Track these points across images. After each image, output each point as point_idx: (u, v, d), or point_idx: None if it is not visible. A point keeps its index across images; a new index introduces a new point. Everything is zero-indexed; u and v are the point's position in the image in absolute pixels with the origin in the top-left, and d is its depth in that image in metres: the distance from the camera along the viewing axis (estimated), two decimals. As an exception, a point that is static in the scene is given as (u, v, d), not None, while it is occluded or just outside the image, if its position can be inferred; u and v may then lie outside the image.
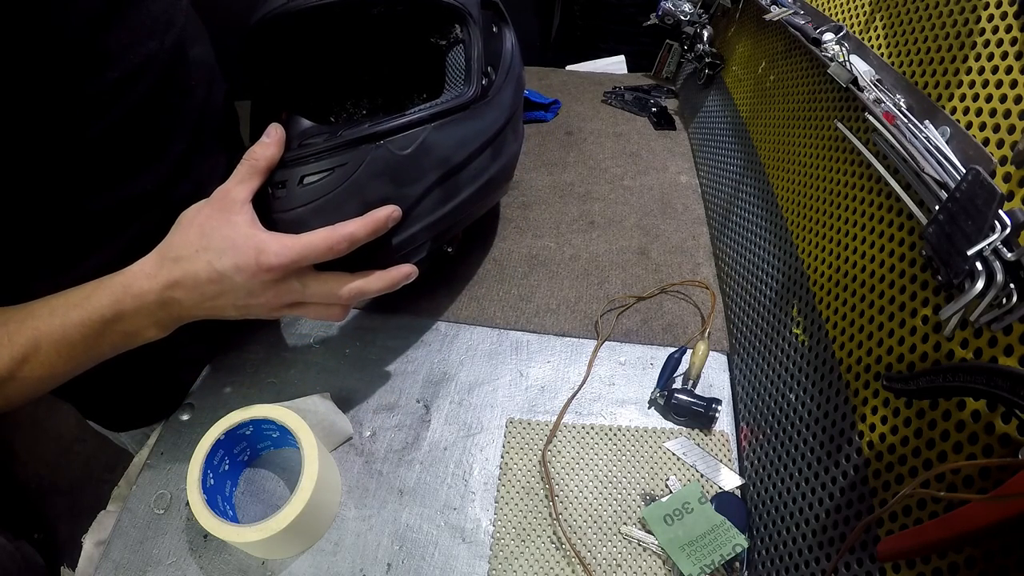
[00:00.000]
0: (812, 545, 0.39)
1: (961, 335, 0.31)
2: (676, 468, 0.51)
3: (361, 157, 0.45)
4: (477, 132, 0.52)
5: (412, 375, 0.57)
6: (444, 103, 0.49)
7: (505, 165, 0.58)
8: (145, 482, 0.50)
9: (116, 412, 0.61)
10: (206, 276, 0.40)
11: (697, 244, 0.72)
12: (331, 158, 0.45)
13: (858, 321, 0.41)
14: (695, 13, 0.94)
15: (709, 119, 0.87)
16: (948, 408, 0.31)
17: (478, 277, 0.67)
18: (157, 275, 0.40)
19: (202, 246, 0.40)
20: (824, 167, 0.51)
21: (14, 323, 0.38)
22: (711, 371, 0.58)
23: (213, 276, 0.40)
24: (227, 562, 0.45)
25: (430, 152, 0.48)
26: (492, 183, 0.56)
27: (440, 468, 0.50)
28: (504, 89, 0.55)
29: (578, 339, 0.61)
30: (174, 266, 0.40)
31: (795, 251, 0.53)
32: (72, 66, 0.38)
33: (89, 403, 0.60)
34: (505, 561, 0.45)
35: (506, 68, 0.56)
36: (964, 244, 0.29)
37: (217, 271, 0.40)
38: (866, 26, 0.48)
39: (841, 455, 0.39)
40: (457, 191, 0.52)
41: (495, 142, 0.54)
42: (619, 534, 0.47)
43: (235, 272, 0.40)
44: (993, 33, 0.34)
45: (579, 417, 0.54)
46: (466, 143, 0.51)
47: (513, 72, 0.57)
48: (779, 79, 0.66)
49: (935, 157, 0.34)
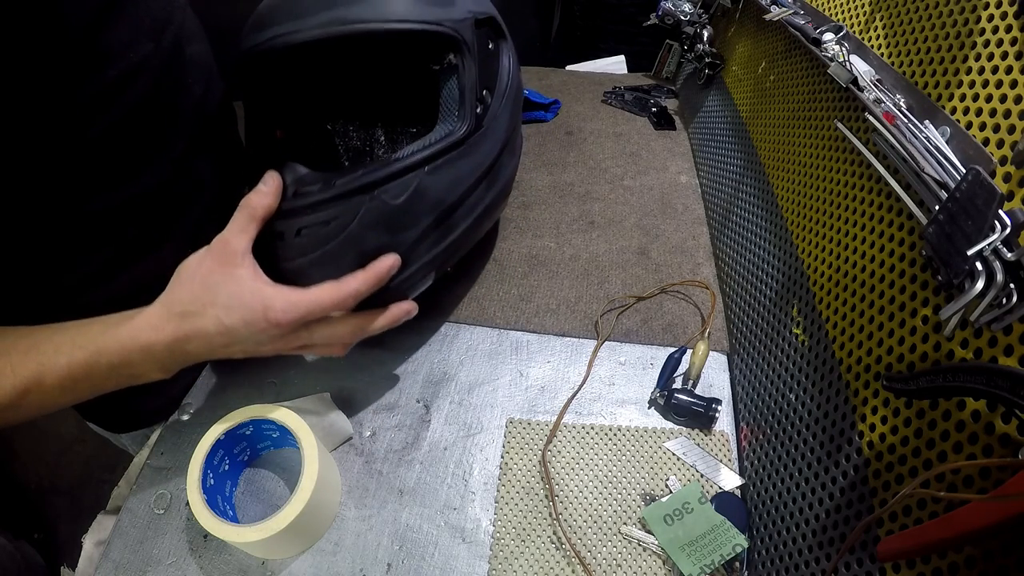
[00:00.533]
0: (812, 545, 0.39)
1: (961, 335, 0.31)
2: (676, 468, 0.51)
3: (356, 209, 0.45)
4: (472, 168, 0.51)
5: (412, 375, 0.57)
6: (436, 143, 0.48)
7: (502, 190, 0.57)
8: (145, 482, 0.50)
9: (116, 414, 0.61)
10: (215, 331, 0.41)
11: (697, 244, 0.72)
12: (327, 210, 0.45)
13: (858, 321, 0.41)
14: (695, 13, 0.95)
15: (709, 119, 0.87)
16: (948, 408, 0.31)
17: (478, 277, 0.67)
18: (164, 328, 0.40)
19: (209, 301, 0.41)
20: (824, 167, 0.51)
21: (17, 354, 0.39)
22: (711, 371, 0.58)
23: (222, 330, 0.41)
24: (227, 562, 0.45)
25: (424, 197, 0.47)
26: (489, 210, 0.55)
27: (440, 468, 0.50)
28: (501, 114, 0.54)
29: (578, 339, 0.61)
30: (182, 322, 0.41)
31: (795, 251, 0.53)
32: (73, 63, 0.38)
33: (88, 405, 0.60)
34: (505, 561, 0.45)
35: (503, 89, 0.54)
36: (964, 244, 0.29)
37: (226, 326, 0.41)
38: (866, 26, 0.48)
39: (841, 455, 0.39)
40: (453, 227, 0.51)
41: (491, 173, 0.53)
42: (619, 534, 0.47)
43: (244, 327, 0.41)
44: (993, 33, 0.34)
45: (579, 417, 0.54)
46: (460, 181, 0.50)
47: (510, 93, 0.55)
48: (779, 79, 0.66)
49: (935, 157, 0.34)
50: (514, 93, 0.56)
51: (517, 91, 0.58)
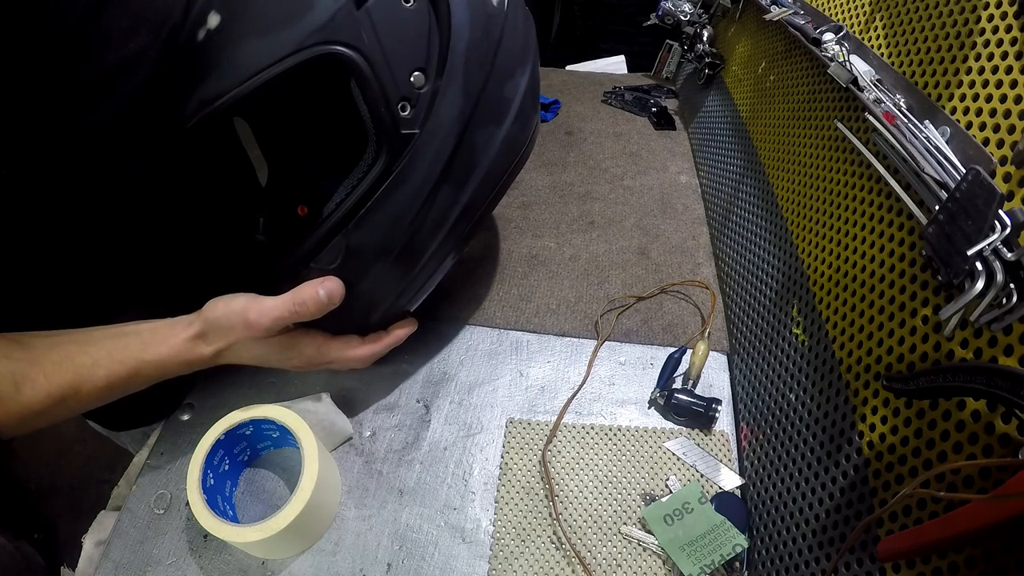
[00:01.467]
0: (812, 545, 0.39)
1: (961, 335, 0.31)
2: (676, 468, 0.51)
3: (303, 278, 0.43)
4: (410, 198, 0.42)
5: (412, 375, 0.57)
6: (348, 196, 0.41)
7: (489, 171, 0.47)
8: (145, 482, 0.50)
9: (116, 412, 0.61)
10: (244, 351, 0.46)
11: (697, 244, 0.72)
12: (286, 282, 0.44)
13: (858, 321, 0.41)
14: (695, 13, 0.95)
15: (709, 119, 0.87)
16: (948, 408, 0.31)
17: (478, 277, 0.67)
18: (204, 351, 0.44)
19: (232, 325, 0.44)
20: (824, 167, 0.51)
21: (50, 364, 0.40)
22: (711, 371, 0.58)
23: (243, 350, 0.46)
24: (227, 562, 0.45)
25: (361, 253, 0.43)
26: (472, 207, 0.47)
27: (440, 468, 0.50)
28: (449, 90, 0.41)
29: (578, 339, 0.61)
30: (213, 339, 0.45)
31: (795, 251, 0.53)
32: (73, 44, 0.38)
33: None
34: (505, 561, 0.45)
35: (457, 47, 0.41)
36: (964, 244, 0.29)
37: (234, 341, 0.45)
38: (866, 26, 0.48)
39: (841, 455, 0.39)
40: (418, 255, 0.46)
41: (449, 173, 0.43)
42: (619, 534, 0.47)
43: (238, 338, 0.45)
44: (993, 33, 0.34)
45: (579, 417, 0.54)
46: (401, 218, 0.43)
47: (473, 44, 0.42)
48: (779, 79, 0.66)
49: (935, 157, 0.34)
50: (479, 40, 0.43)
51: (484, 31, 0.43)
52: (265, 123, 0.52)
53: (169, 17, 0.46)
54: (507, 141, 0.47)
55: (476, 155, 0.45)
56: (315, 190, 0.49)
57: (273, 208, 0.54)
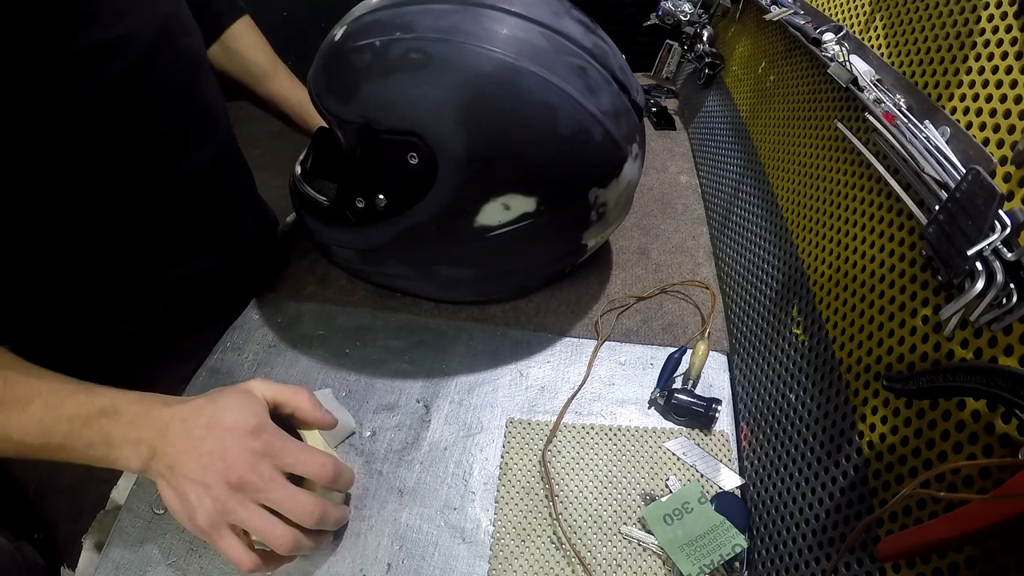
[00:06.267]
0: (812, 545, 0.39)
1: (961, 335, 0.31)
2: (676, 468, 0.51)
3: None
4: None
5: (412, 375, 0.57)
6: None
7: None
8: (145, 482, 0.49)
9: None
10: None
11: (697, 244, 0.72)
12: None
13: (858, 321, 0.41)
14: (695, 13, 0.95)
15: (709, 119, 0.87)
16: (948, 408, 0.31)
17: (478, 277, 0.67)
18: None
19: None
20: (824, 167, 0.51)
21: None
22: (711, 371, 0.58)
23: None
24: (227, 562, 0.45)
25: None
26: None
27: (440, 468, 0.50)
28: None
29: (578, 339, 0.61)
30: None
31: (795, 251, 0.53)
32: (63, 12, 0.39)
33: None
34: (505, 561, 0.45)
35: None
36: (964, 244, 0.29)
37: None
38: (866, 26, 0.48)
39: (841, 455, 0.39)
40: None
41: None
42: (619, 534, 0.47)
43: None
44: (993, 33, 0.34)
45: (579, 417, 0.54)
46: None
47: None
48: (779, 79, 0.66)
49: (935, 157, 0.34)
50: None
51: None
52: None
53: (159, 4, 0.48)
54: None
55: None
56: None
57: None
